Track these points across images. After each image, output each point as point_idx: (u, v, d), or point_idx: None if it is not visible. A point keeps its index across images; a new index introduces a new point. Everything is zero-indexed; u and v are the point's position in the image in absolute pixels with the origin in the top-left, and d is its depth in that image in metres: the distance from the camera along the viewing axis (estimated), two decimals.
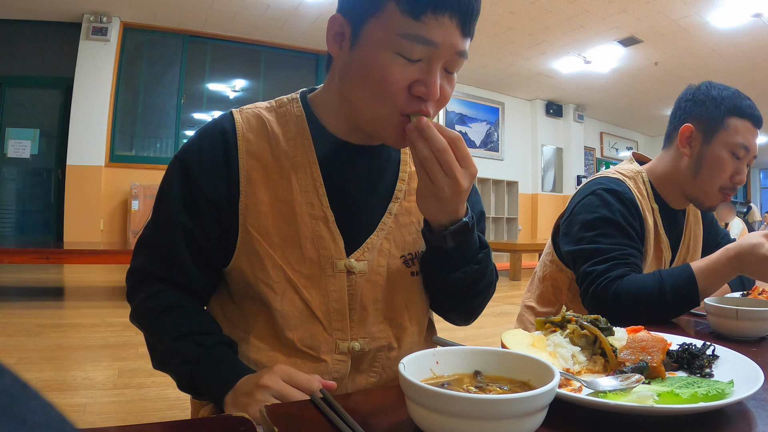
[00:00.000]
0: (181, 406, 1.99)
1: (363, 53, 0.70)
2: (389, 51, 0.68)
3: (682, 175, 1.25)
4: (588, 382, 0.57)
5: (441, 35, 0.67)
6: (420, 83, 0.69)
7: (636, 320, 0.96)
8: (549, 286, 1.33)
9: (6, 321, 3.21)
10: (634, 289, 1.03)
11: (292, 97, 0.83)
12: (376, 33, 0.68)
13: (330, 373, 0.78)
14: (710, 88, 1.23)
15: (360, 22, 0.70)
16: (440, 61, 0.69)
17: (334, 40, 0.74)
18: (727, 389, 0.52)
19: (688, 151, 1.23)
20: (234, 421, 0.52)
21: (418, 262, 0.84)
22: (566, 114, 10.87)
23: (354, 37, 0.71)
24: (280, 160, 0.77)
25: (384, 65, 0.68)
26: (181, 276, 0.79)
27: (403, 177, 0.85)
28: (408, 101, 0.69)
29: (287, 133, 0.79)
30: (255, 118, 0.79)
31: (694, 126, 1.22)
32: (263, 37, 7.47)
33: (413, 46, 0.67)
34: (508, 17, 6.62)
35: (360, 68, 0.71)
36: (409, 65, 0.68)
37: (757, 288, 1.15)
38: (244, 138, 0.77)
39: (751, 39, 6.71)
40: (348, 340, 0.79)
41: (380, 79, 0.68)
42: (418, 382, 0.43)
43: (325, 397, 0.54)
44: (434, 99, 0.70)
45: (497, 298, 4.97)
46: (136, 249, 0.83)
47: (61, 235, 6.43)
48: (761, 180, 16.05)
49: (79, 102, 6.44)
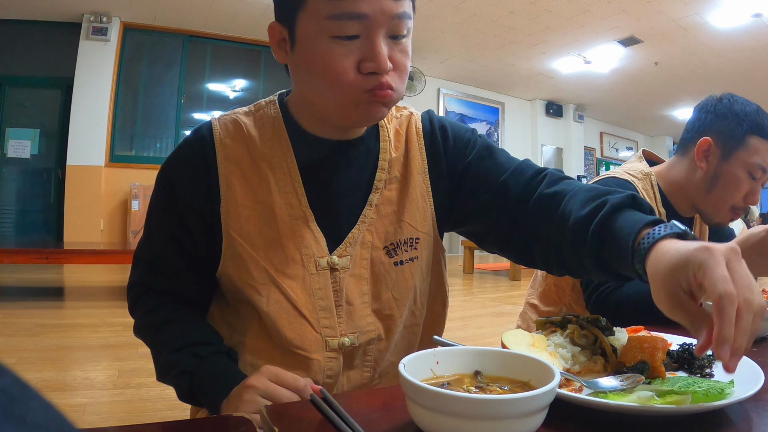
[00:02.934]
0: (181, 406, 1.98)
1: (303, 50, 0.70)
2: (324, 38, 0.67)
3: (695, 187, 1.22)
4: (588, 382, 0.57)
5: (368, 5, 0.65)
6: (366, 60, 0.67)
7: (640, 323, 0.96)
8: (552, 284, 1.33)
9: (6, 321, 3.21)
10: (635, 296, 1.03)
11: (270, 100, 0.83)
12: (308, 25, 0.68)
13: (323, 371, 0.78)
14: (733, 102, 1.19)
15: (293, 21, 0.70)
16: (379, 31, 0.67)
17: (278, 48, 0.75)
18: (727, 389, 0.52)
19: (705, 165, 1.20)
20: (234, 421, 0.53)
21: (402, 251, 0.82)
22: (566, 114, 10.87)
23: (291, 38, 0.72)
24: (258, 163, 0.77)
25: (324, 53, 0.67)
26: (179, 286, 0.81)
27: (383, 166, 0.82)
28: (363, 80, 0.68)
29: (264, 135, 0.79)
30: (232, 123, 0.80)
31: (713, 140, 1.19)
32: (263, 37, 7.44)
33: (345, 24, 0.66)
34: (508, 17, 6.62)
35: (306, 65, 0.71)
36: (349, 45, 0.67)
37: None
38: (221, 143, 0.77)
39: (751, 39, 6.71)
40: (337, 337, 0.78)
41: (326, 68, 0.68)
42: (418, 382, 0.43)
43: (325, 397, 0.54)
44: (385, 71, 0.68)
45: (497, 298, 4.97)
46: (133, 263, 0.85)
47: (61, 235, 6.43)
48: None
49: (79, 102, 6.44)
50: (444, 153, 0.85)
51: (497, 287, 5.53)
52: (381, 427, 0.51)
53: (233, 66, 7.73)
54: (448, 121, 0.89)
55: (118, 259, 4.22)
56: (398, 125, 0.86)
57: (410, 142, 0.85)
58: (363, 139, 0.82)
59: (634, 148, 12.62)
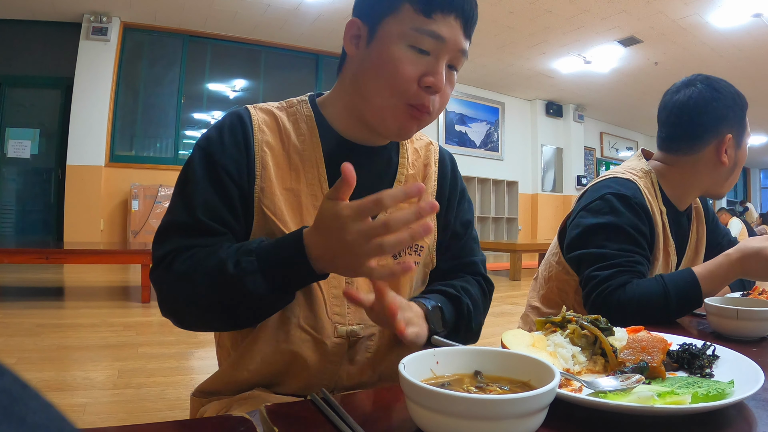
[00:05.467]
0: (181, 406, 1.99)
1: (379, 47, 0.78)
2: (402, 44, 0.77)
3: (711, 180, 1.23)
4: (588, 382, 0.57)
5: (448, 32, 0.76)
6: (429, 74, 0.77)
7: (640, 323, 0.97)
8: (555, 287, 1.32)
9: (6, 321, 3.21)
10: (638, 297, 1.03)
11: (301, 99, 0.89)
12: (392, 29, 0.77)
13: (328, 356, 0.81)
14: (736, 92, 1.21)
15: (376, 21, 0.79)
16: (446, 56, 0.78)
17: (350, 42, 0.82)
18: (727, 389, 0.52)
19: (727, 160, 1.21)
20: (234, 421, 0.53)
21: (405, 253, 0.88)
22: (566, 114, 10.87)
23: (370, 35, 0.80)
24: (290, 154, 0.83)
25: (397, 57, 0.77)
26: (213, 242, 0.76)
27: (400, 179, 0.91)
28: (416, 92, 0.77)
29: (297, 130, 0.85)
30: (268, 114, 0.85)
31: (732, 135, 1.20)
32: (263, 37, 7.47)
33: (424, 39, 0.76)
34: (508, 17, 6.62)
35: (376, 60, 0.78)
36: (420, 58, 0.77)
37: (757, 288, 1.15)
38: (259, 129, 0.83)
39: (751, 39, 6.72)
40: (346, 325, 0.82)
41: (394, 68, 0.77)
42: (418, 382, 0.43)
43: (325, 397, 0.54)
44: (440, 89, 0.78)
45: (497, 298, 4.97)
46: (159, 237, 0.78)
47: (61, 235, 6.43)
48: (761, 180, 16.05)
49: (79, 102, 6.44)
50: (449, 192, 0.96)
51: (497, 287, 5.49)
52: (381, 427, 0.51)
53: (233, 66, 7.74)
54: (459, 172, 1.02)
55: (118, 259, 4.23)
56: (418, 147, 0.96)
57: (428, 166, 0.95)
58: (386, 149, 0.90)
59: (634, 148, 12.62)
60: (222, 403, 0.81)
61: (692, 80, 1.23)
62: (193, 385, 0.88)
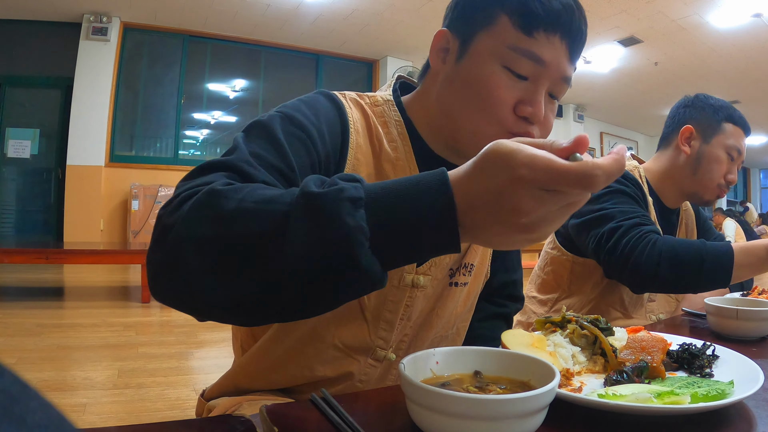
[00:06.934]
0: (181, 406, 1.99)
1: (470, 65, 0.69)
2: (497, 63, 0.66)
3: (680, 172, 1.32)
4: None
5: (550, 54, 0.65)
6: (526, 103, 0.67)
7: (667, 281, 1.03)
8: (550, 273, 1.38)
9: (6, 321, 3.21)
10: (677, 246, 1.06)
11: (386, 99, 0.79)
12: (486, 44, 0.67)
13: (357, 375, 0.77)
14: (707, 97, 1.34)
15: (470, 35, 0.69)
16: (546, 82, 0.67)
17: (437, 55, 0.74)
18: (727, 389, 0.52)
19: (688, 149, 1.31)
20: (234, 421, 0.53)
21: (460, 274, 0.83)
22: (566, 114, 10.87)
23: (461, 51, 0.70)
24: (382, 162, 0.74)
25: (490, 78, 0.66)
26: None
27: None
28: (514, 121, 0.67)
29: (388, 135, 0.76)
30: (360, 110, 0.76)
31: (694, 128, 1.31)
32: (263, 37, 7.46)
33: (521, 61, 0.65)
34: None
35: (465, 80, 0.69)
36: (516, 83, 0.66)
37: (757, 288, 1.16)
38: (354, 126, 0.73)
39: (751, 39, 6.71)
40: (386, 350, 0.77)
41: (486, 93, 0.67)
42: (418, 382, 0.43)
43: (325, 397, 0.54)
44: (539, 120, 0.67)
45: None
46: (188, 175, 0.55)
47: (61, 235, 6.42)
48: (761, 180, 16.04)
49: (79, 102, 6.43)
50: None
51: None
52: (381, 427, 0.51)
53: (233, 66, 7.73)
54: None
55: (118, 259, 4.23)
56: None
57: None
58: None
59: (634, 147, 12.62)
60: (232, 401, 0.77)
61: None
62: (194, 385, 0.87)
